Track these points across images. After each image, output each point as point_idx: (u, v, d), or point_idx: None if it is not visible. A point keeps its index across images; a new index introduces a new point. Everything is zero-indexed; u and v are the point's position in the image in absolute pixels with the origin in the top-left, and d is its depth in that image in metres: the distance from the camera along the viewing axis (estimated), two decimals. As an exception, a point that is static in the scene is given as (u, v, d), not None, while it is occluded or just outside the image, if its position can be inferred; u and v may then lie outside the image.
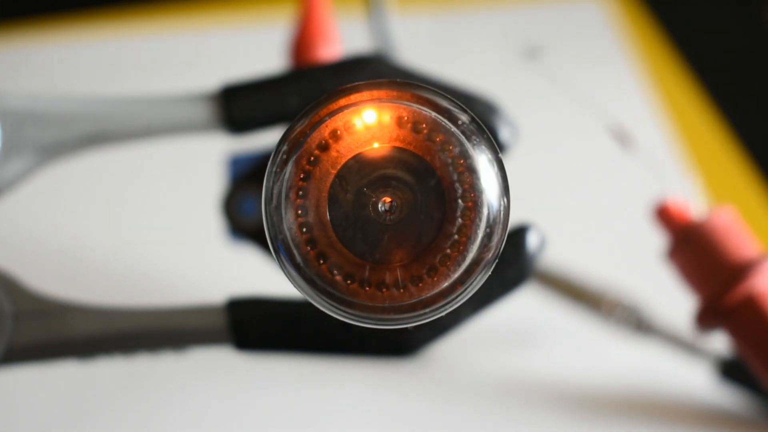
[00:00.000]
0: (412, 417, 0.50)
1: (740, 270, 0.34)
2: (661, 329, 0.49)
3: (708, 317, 0.35)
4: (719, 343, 0.51)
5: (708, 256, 0.35)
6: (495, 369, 0.52)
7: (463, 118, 0.21)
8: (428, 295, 0.21)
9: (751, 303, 0.34)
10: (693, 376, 0.50)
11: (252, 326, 0.29)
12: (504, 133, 0.30)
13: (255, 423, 0.50)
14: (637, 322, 0.49)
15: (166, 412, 0.50)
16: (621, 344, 0.50)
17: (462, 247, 0.21)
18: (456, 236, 0.21)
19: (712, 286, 0.35)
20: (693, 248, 0.36)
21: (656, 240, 0.39)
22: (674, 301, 0.53)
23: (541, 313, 0.51)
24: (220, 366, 0.52)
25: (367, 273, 0.21)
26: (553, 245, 0.31)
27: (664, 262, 0.37)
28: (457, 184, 0.21)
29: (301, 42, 0.44)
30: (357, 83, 0.21)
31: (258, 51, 0.56)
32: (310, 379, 0.51)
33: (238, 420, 0.50)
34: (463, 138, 0.21)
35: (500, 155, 0.21)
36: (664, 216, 0.38)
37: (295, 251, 0.21)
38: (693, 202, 0.38)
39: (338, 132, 0.21)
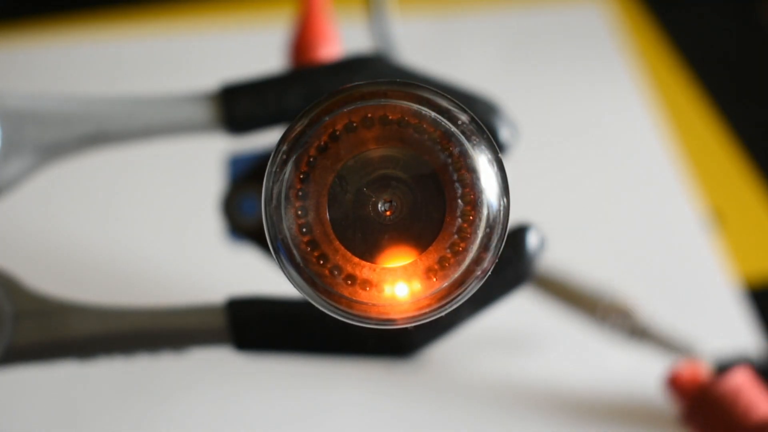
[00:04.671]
0: (411, 418, 0.50)
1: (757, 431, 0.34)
2: (655, 333, 0.49)
3: None
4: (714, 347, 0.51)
5: (723, 420, 0.35)
6: (491, 372, 0.52)
7: (463, 118, 0.21)
8: (428, 295, 0.21)
9: None
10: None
11: (252, 326, 0.29)
12: (504, 133, 0.30)
13: (254, 423, 0.50)
14: (632, 328, 0.49)
15: (165, 412, 0.50)
16: (615, 349, 0.50)
17: (462, 247, 0.21)
18: (456, 236, 0.21)
19: None
20: (708, 413, 0.36)
21: (652, 244, 0.39)
22: (669, 306, 0.53)
23: (537, 318, 0.51)
24: (220, 366, 0.52)
25: (366, 273, 0.21)
26: (550, 248, 0.31)
27: (680, 427, 0.37)
28: (456, 184, 0.21)
29: (301, 42, 0.44)
30: (357, 83, 0.21)
31: (258, 51, 0.56)
32: (309, 379, 0.51)
33: (237, 420, 0.50)
34: (463, 138, 0.21)
35: (500, 155, 0.21)
36: (677, 385, 0.38)
37: (294, 251, 0.21)
38: (702, 368, 0.38)
39: (338, 132, 0.21)
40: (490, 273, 0.21)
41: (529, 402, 0.50)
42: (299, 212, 0.21)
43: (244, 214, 0.37)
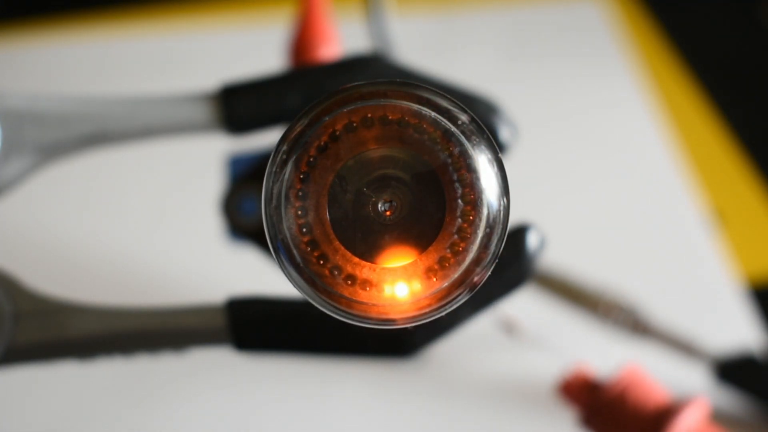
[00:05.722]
0: (411, 417, 0.50)
1: (655, 423, 0.34)
2: (657, 331, 0.49)
3: None
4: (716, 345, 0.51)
5: (618, 420, 0.36)
6: (493, 370, 0.52)
7: (463, 118, 0.21)
8: (428, 295, 0.21)
9: None
10: (690, 378, 0.50)
11: (252, 326, 0.29)
12: (504, 133, 0.30)
13: (255, 423, 0.50)
14: (634, 324, 0.49)
15: (165, 412, 0.50)
16: (618, 345, 0.50)
17: (462, 247, 0.21)
18: (456, 236, 0.21)
19: None
20: (603, 415, 0.36)
21: (653, 242, 0.39)
22: (671, 304, 0.53)
23: (539, 315, 0.51)
24: (220, 366, 0.52)
25: (366, 273, 0.21)
26: (552, 246, 0.31)
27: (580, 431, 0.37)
28: (456, 184, 0.21)
29: (301, 42, 0.44)
30: (357, 83, 0.21)
31: (258, 51, 0.56)
32: (309, 379, 0.51)
33: (237, 420, 0.50)
34: (463, 138, 0.21)
35: (500, 155, 0.21)
36: (569, 392, 0.38)
37: (294, 251, 0.21)
38: (590, 371, 0.38)
39: (338, 132, 0.21)
40: (489, 273, 0.21)
41: (530, 398, 0.50)
42: (299, 212, 0.21)
43: (244, 214, 0.37)
